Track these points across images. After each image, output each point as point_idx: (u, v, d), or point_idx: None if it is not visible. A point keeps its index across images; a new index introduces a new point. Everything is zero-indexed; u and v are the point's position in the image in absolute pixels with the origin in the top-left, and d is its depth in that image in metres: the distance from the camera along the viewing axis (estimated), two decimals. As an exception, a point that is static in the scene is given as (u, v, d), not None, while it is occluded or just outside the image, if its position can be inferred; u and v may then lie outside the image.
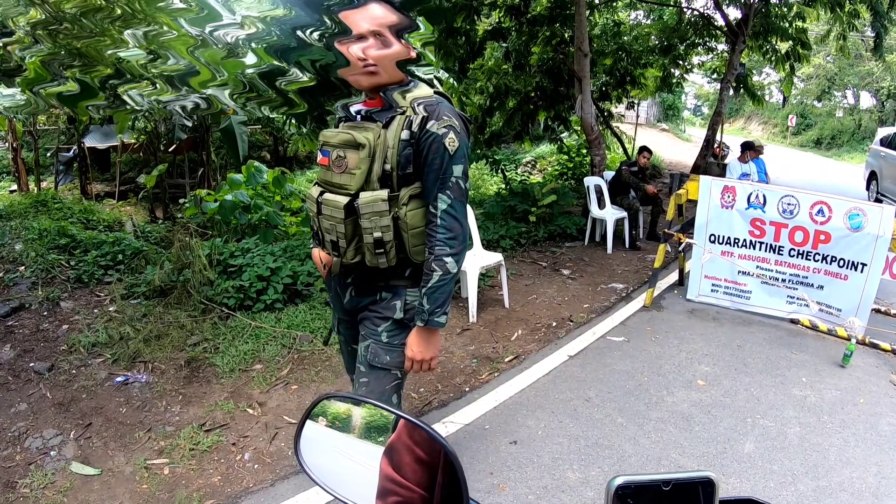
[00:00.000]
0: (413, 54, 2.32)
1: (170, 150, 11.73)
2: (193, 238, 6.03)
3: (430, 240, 2.28)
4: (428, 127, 2.20)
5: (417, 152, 2.23)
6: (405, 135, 2.21)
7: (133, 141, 12.46)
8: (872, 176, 15.70)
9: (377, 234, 2.25)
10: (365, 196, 2.23)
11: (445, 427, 4.08)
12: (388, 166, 2.23)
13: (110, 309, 5.37)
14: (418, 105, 2.24)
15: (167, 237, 7.12)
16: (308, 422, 1.17)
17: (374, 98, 2.34)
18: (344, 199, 2.26)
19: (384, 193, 2.23)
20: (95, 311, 5.35)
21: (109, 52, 4.57)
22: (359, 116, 2.35)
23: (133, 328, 4.98)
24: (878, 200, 11.54)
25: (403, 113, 2.24)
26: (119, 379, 4.39)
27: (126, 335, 4.89)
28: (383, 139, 2.22)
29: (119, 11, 4.27)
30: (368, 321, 2.49)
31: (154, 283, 5.58)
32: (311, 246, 3.01)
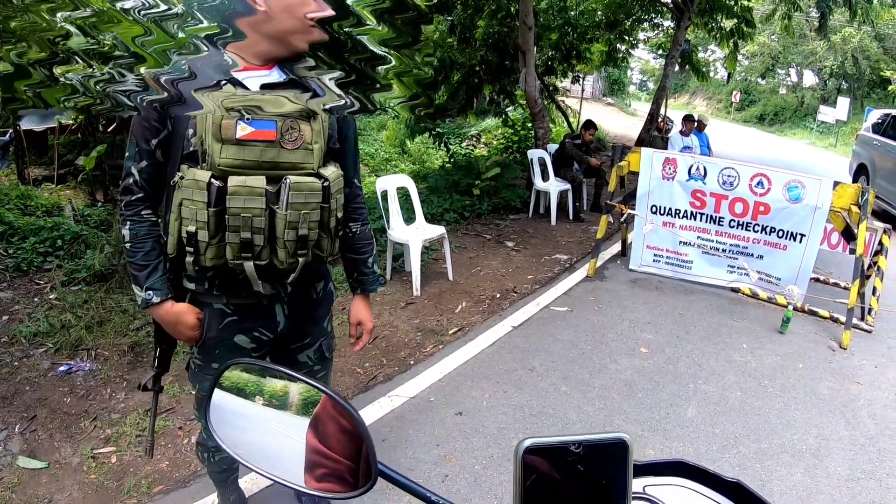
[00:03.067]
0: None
1: (109, 130, 11.41)
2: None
3: (361, 212, 2.28)
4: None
5: (340, 128, 2.08)
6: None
7: (71, 122, 12.10)
8: (861, 170, 12.67)
9: (339, 214, 2.03)
10: (332, 173, 1.93)
11: (391, 400, 4.04)
12: (325, 140, 1.97)
13: (51, 297, 5.19)
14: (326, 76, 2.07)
15: (107, 220, 6.92)
16: (217, 392, 1.10)
17: (262, 63, 1.93)
18: (317, 180, 1.88)
19: (339, 169, 2.01)
20: (35, 299, 5.16)
21: (49, 36, 4.40)
22: (252, 83, 1.90)
23: (74, 315, 4.82)
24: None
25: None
26: (62, 368, 4.23)
27: (68, 323, 4.72)
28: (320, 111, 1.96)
29: None
30: (310, 325, 2.28)
31: (94, 269, 5.41)
32: (154, 302, 1.97)
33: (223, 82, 1.84)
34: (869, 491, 3.51)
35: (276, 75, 1.93)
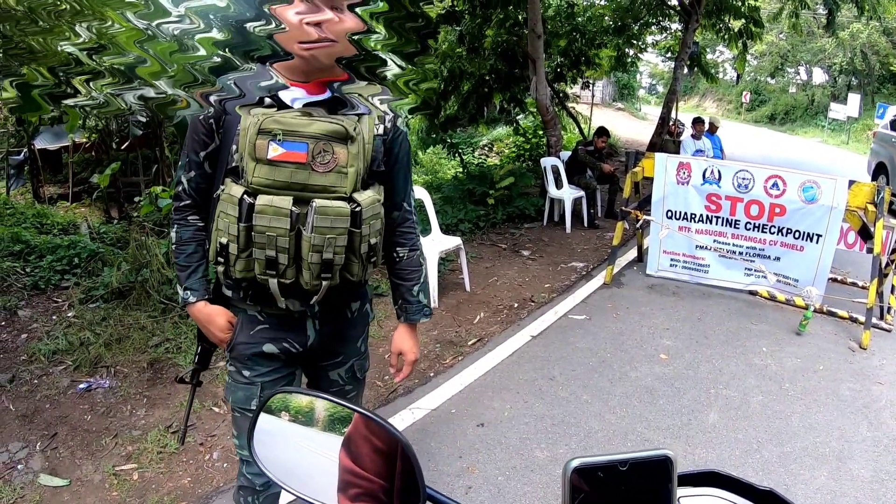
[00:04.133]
0: (365, 26, 1.96)
1: (122, 147, 11.47)
2: (150, 237, 5.91)
3: (409, 237, 2.21)
4: (398, 124, 2.06)
5: (388, 150, 2.04)
6: (380, 129, 2.00)
7: (85, 140, 12.17)
8: (881, 168, 12.40)
9: (373, 241, 1.97)
10: (366, 198, 1.90)
11: (412, 413, 4.04)
12: (365, 163, 1.94)
13: (69, 314, 5.23)
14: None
15: (123, 237, 6.96)
16: (263, 416, 1.13)
17: (308, 81, 1.94)
18: (345, 205, 1.85)
19: (377, 194, 1.97)
20: (54, 317, 5.20)
21: (60, 45, 4.46)
22: (297, 103, 1.91)
23: (93, 333, 4.84)
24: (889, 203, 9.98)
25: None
26: (82, 386, 4.25)
27: (86, 340, 4.75)
28: (362, 132, 1.91)
29: (66, 6, 4.17)
30: (342, 345, 2.24)
31: (112, 286, 5.44)
32: (191, 301, 2.08)
33: (266, 100, 1.86)
34: (894, 492, 3.49)
35: (317, 94, 1.93)
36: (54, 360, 4.57)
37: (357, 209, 1.86)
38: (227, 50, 2.18)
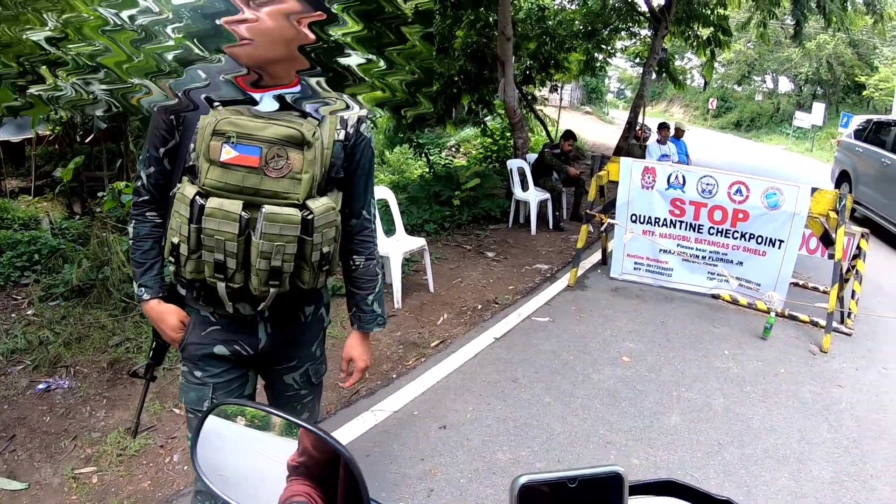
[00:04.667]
0: (311, 36, 1.86)
1: (87, 141, 11.27)
2: (111, 233, 5.80)
3: (367, 246, 2.18)
4: (361, 129, 2.02)
5: (349, 155, 2.00)
6: (341, 135, 1.96)
7: (49, 133, 11.96)
8: (843, 177, 12.56)
9: (326, 249, 1.93)
10: (320, 206, 1.86)
11: (374, 415, 4.00)
12: (322, 169, 1.89)
13: (28, 312, 5.11)
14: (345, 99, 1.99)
15: (85, 233, 6.83)
16: (214, 419, 1.08)
17: (258, 84, 1.88)
18: (296, 212, 1.82)
19: (333, 201, 1.93)
20: (13, 315, 5.08)
21: (26, 33, 4.38)
22: (264, 101, 1.87)
23: (52, 332, 4.74)
24: (850, 210, 9.95)
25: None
26: (41, 386, 4.16)
27: (46, 339, 4.64)
28: (321, 137, 1.87)
29: None
30: (295, 348, 2.21)
31: (72, 283, 5.33)
32: (145, 298, 2.08)
33: (218, 103, 1.82)
34: (853, 493, 3.53)
35: (272, 97, 1.88)
36: (12, 359, 4.48)
37: (309, 217, 1.83)
38: (195, 42, 2.11)
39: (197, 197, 1.78)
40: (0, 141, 12.48)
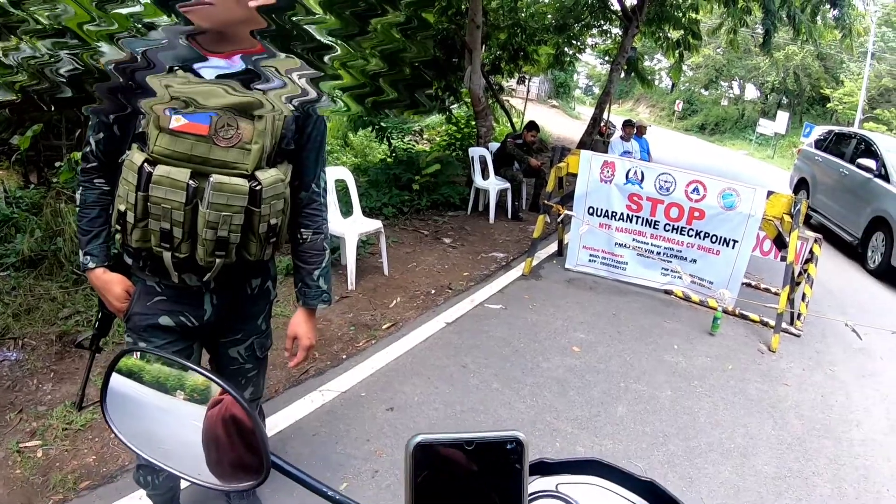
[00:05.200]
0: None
1: (48, 108, 11.02)
2: (66, 204, 5.67)
3: (315, 219, 2.15)
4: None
5: (300, 128, 1.99)
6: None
7: (14, 98, 11.65)
8: (802, 184, 12.94)
9: (273, 221, 1.93)
10: (268, 177, 1.85)
11: (322, 395, 3.96)
12: (273, 140, 1.89)
13: None
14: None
15: (40, 203, 6.69)
16: (117, 378, 1.03)
17: (221, 52, 1.82)
18: (244, 182, 1.80)
19: (283, 173, 1.93)
20: (-38, 286, 4.97)
21: None
22: (210, 73, 1.82)
23: (1, 303, 4.62)
24: (807, 217, 10.16)
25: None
26: None
27: (-6, 310, 4.55)
28: (273, 108, 1.88)
29: None
30: (241, 321, 2.22)
31: (23, 253, 5.20)
32: (90, 266, 2.03)
33: (177, 69, 1.76)
34: (795, 489, 3.59)
35: (235, 65, 1.83)
36: (-40, 331, 4.34)
37: (257, 187, 1.82)
38: (167, 6, 2.06)
39: (145, 164, 1.76)
40: (-45, 107, 12.12)
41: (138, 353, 1.06)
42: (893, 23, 31.85)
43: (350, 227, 5.89)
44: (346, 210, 6.28)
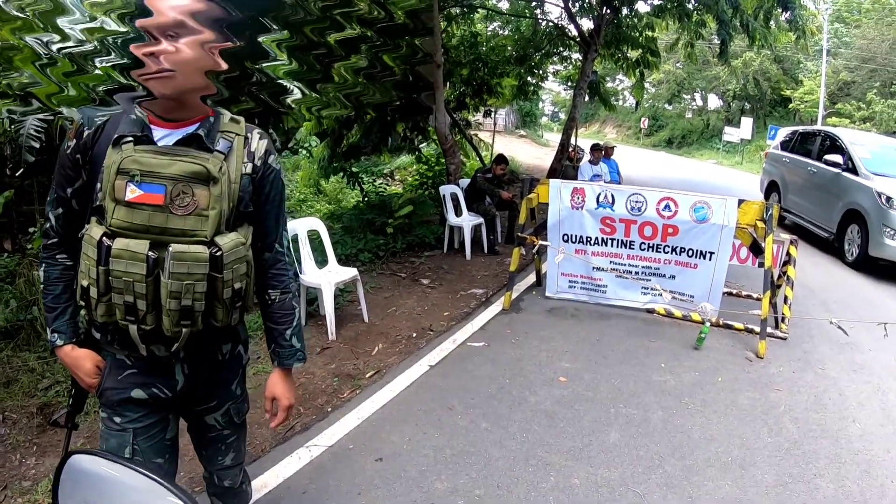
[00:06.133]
0: (223, 65, 1.86)
1: (17, 174, 10.96)
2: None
3: (282, 279, 2.12)
4: (270, 161, 1.98)
5: (258, 189, 1.96)
6: (248, 168, 1.92)
7: (-19, 164, 11.62)
8: (772, 187, 13.04)
9: (237, 285, 1.90)
10: (228, 241, 1.82)
11: (309, 451, 3.89)
12: (230, 204, 1.86)
13: None
14: (252, 132, 1.97)
15: (16, 271, 6.62)
16: (66, 478, 1.00)
17: (171, 119, 1.85)
18: (204, 249, 1.78)
19: (243, 236, 1.90)
20: (-61, 358, 4.88)
21: None
22: (164, 140, 1.82)
23: None
24: (781, 219, 10.76)
25: (239, 141, 1.92)
26: None
27: (-27, 384, 4.47)
28: (227, 172, 1.84)
29: None
30: (215, 388, 2.16)
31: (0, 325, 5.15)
32: (58, 344, 2.02)
33: (129, 139, 1.76)
34: (798, 494, 3.57)
35: (187, 132, 1.83)
36: (-62, 406, 4.27)
37: (217, 253, 1.79)
38: (123, 73, 2.05)
39: (104, 238, 1.74)
40: (-74, 174, 12.03)
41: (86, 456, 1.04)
42: (845, 18, 32.50)
43: (326, 278, 5.85)
44: (322, 259, 6.25)
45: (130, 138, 1.76)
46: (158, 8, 1.69)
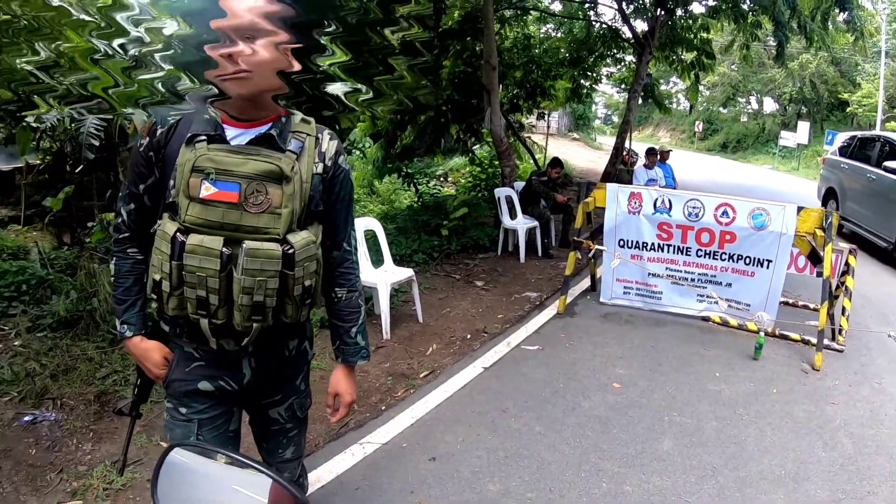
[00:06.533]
0: (296, 65, 1.89)
1: (77, 171, 11.25)
2: (99, 264, 5.77)
3: (349, 277, 2.16)
4: (340, 162, 2.01)
5: (328, 188, 2.00)
6: (319, 168, 1.95)
7: (38, 162, 11.96)
8: (830, 194, 12.63)
9: (308, 283, 1.93)
10: (300, 240, 1.86)
11: (363, 448, 3.95)
12: (302, 203, 1.89)
13: (15, 343, 5.02)
14: (323, 133, 2.00)
15: (75, 264, 6.79)
16: (164, 471, 1.06)
17: (244, 119, 1.90)
18: (277, 247, 1.82)
19: (314, 234, 1.93)
20: (0, 345, 5.04)
21: (18, 62, 4.42)
22: (237, 140, 1.87)
23: (39, 363, 4.67)
24: (839, 227, 10.17)
25: (311, 141, 1.95)
26: (27, 418, 4.10)
27: (33, 371, 4.57)
28: (299, 172, 1.87)
29: (25, 23, 4.16)
30: (280, 383, 2.21)
31: (60, 314, 5.27)
32: (127, 336, 2.07)
33: (202, 138, 1.82)
34: (850, 512, 3.50)
35: (260, 131, 1.88)
36: (-2, 390, 4.41)
37: (290, 251, 1.83)
38: (187, 71, 2.11)
39: (178, 234, 1.78)
40: (-10, 169, 12.41)
41: (186, 448, 1.08)
42: (904, 19, 31.65)
43: (382, 278, 5.93)
44: (377, 259, 6.32)
45: (204, 137, 1.81)
46: (234, 10, 1.73)
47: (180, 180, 1.78)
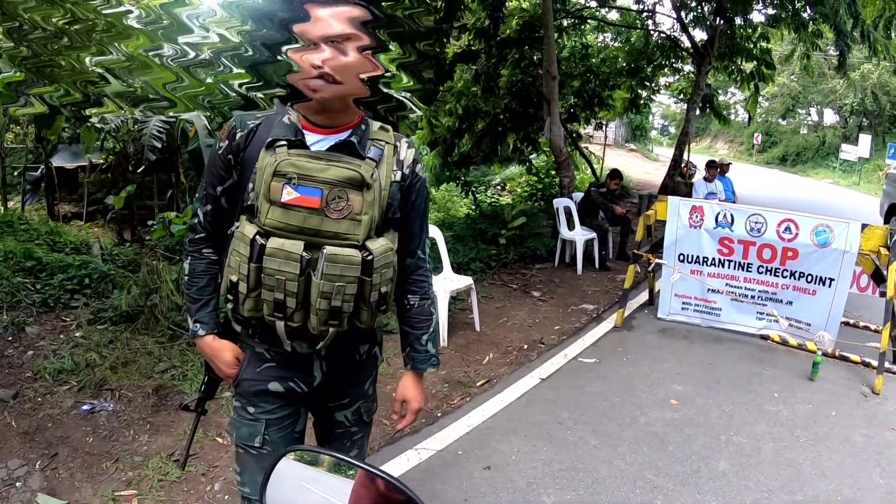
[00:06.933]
0: (380, 69, 1.93)
1: (139, 170, 11.55)
2: (161, 262, 5.93)
3: (422, 285, 2.18)
4: (417, 170, 2.02)
5: (405, 196, 2.00)
6: (398, 176, 1.96)
7: (102, 161, 12.28)
8: (893, 210, 12.07)
9: (384, 289, 1.94)
10: (379, 246, 1.87)
11: (418, 454, 3.99)
12: (380, 210, 1.90)
13: (76, 334, 5.19)
14: (401, 141, 2.01)
15: (135, 260, 6.95)
16: (274, 476, 1.13)
17: (325, 125, 1.92)
18: (357, 253, 1.83)
19: (391, 241, 1.94)
20: (61, 336, 5.16)
21: (89, 61, 4.55)
22: (318, 145, 1.89)
23: (99, 355, 4.81)
24: None
25: (389, 149, 1.96)
26: (85, 407, 4.23)
27: (92, 362, 4.72)
28: (379, 179, 1.89)
29: (101, 25, 4.29)
30: (349, 387, 2.20)
31: (121, 308, 5.41)
32: (200, 334, 2.09)
33: (282, 143, 1.84)
34: (908, 541, 3.44)
35: (340, 138, 1.89)
36: (59, 379, 4.55)
37: (369, 257, 1.84)
38: (259, 72, 2.15)
39: (257, 237, 1.81)
40: (55, 167, 12.78)
41: (297, 453, 1.14)
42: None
43: (441, 285, 5.97)
44: (436, 266, 6.36)
45: (284, 142, 1.83)
46: (320, 15, 1.76)
47: (260, 184, 1.81)
